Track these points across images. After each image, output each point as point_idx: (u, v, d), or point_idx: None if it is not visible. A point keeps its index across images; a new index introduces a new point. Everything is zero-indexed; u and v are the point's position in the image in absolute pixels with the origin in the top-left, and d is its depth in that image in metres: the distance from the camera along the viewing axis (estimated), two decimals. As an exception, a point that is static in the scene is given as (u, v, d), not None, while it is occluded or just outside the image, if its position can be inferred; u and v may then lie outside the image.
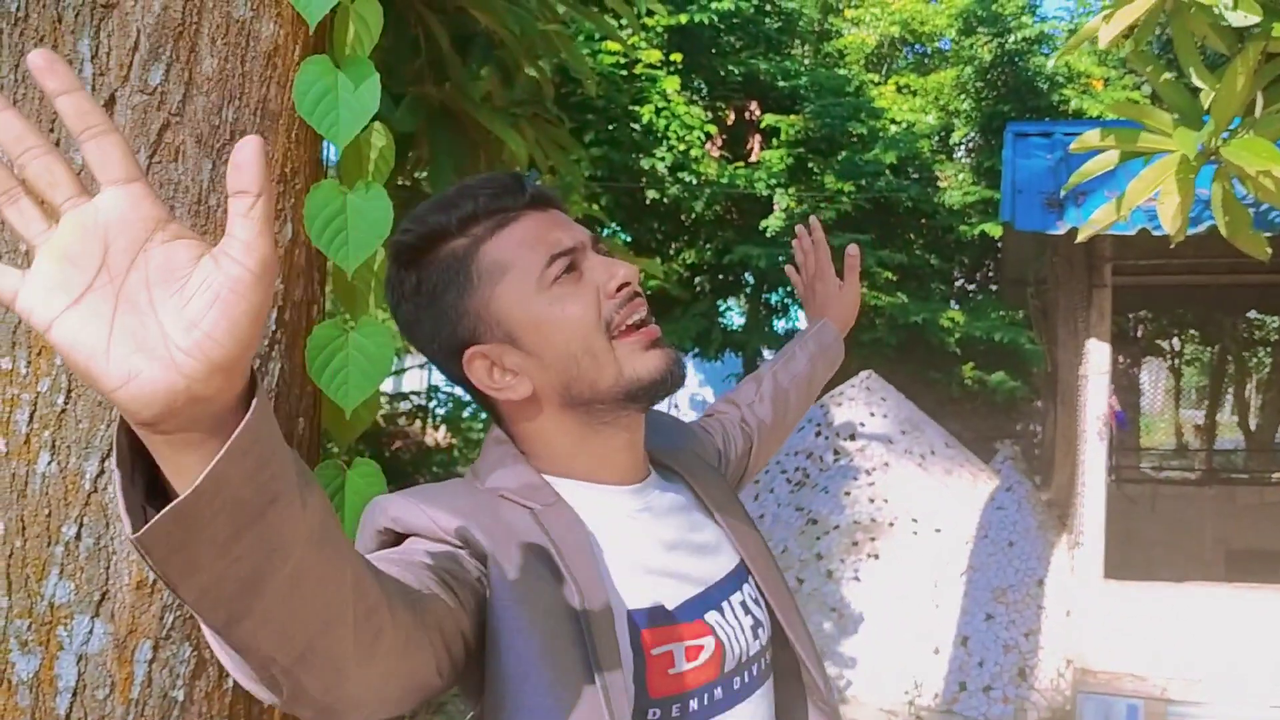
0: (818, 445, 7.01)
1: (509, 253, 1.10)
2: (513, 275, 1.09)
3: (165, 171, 1.27)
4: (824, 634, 5.81)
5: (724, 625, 1.19)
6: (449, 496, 1.09)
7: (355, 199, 1.39)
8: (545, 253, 1.10)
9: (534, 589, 1.04)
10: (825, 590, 5.93)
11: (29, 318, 0.64)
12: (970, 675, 5.50)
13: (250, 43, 1.32)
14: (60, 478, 1.28)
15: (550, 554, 1.07)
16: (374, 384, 1.41)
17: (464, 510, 1.06)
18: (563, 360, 1.11)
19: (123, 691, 1.31)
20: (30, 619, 1.29)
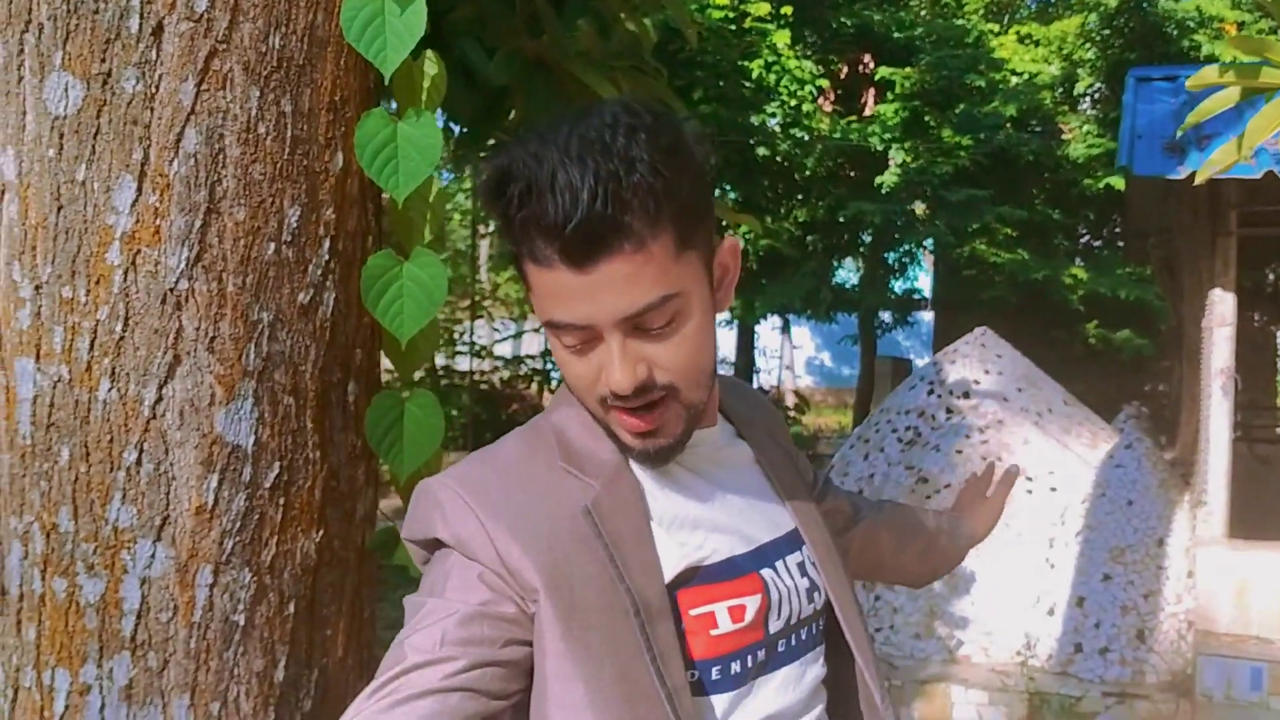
0: (930, 403, 6.87)
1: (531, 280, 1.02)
2: (532, 296, 1.04)
3: (213, 99, 1.28)
4: (935, 594, 5.71)
5: (777, 582, 1.16)
6: (505, 494, 1.06)
7: (406, 127, 1.38)
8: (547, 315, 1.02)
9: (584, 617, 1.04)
10: (936, 549, 5.82)
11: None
12: (1086, 636, 5.35)
13: (296, -31, 1.32)
14: (120, 404, 1.30)
15: (604, 558, 1.05)
16: (428, 315, 1.40)
17: (521, 520, 1.04)
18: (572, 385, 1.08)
19: (185, 615, 1.34)
20: (95, 543, 1.32)
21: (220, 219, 1.30)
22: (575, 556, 1.04)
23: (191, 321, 1.30)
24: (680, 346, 1.03)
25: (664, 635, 1.07)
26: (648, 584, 1.07)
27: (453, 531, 1.04)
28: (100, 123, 1.27)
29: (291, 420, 1.37)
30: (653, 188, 0.97)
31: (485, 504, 1.04)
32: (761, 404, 1.34)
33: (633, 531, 1.08)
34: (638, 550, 1.08)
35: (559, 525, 1.05)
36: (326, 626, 1.44)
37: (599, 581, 1.05)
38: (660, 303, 0.99)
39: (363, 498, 1.49)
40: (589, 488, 1.08)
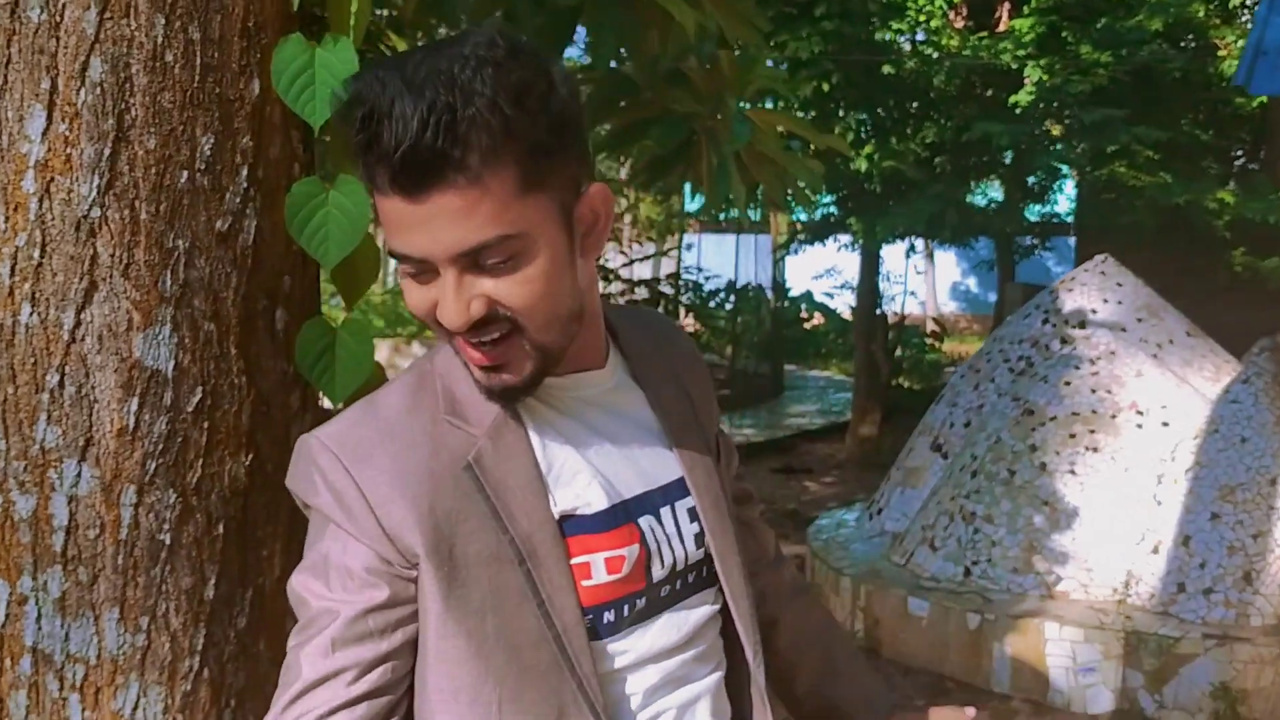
0: (1044, 333, 6.65)
1: (385, 211, 1.00)
2: (385, 230, 1.02)
3: (117, 28, 1.29)
4: (1035, 528, 5.58)
5: (656, 530, 1.15)
6: (385, 453, 1.07)
7: (323, 53, 1.38)
8: (389, 245, 1.02)
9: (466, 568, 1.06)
10: (1039, 483, 5.67)
11: None
12: (1190, 576, 5.16)
13: (201, -109, 1.32)
14: (41, 329, 1.35)
15: (486, 510, 1.07)
16: (353, 241, 1.41)
17: (401, 481, 1.05)
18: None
19: (112, 533, 1.38)
20: (25, 461, 1.38)
21: (130, 147, 1.32)
22: (457, 513, 1.06)
23: (106, 249, 1.33)
24: (523, 286, 1.01)
25: (554, 577, 1.08)
26: (535, 529, 1.08)
27: (330, 498, 1.06)
28: (10, 52, 1.30)
29: (214, 346, 1.40)
30: (489, 124, 0.95)
31: (363, 466, 1.05)
32: (674, 341, 1.31)
33: (518, 479, 1.09)
34: (523, 497, 1.08)
35: (441, 483, 1.06)
36: (261, 547, 1.48)
37: (482, 535, 1.06)
38: (497, 241, 0.98)
39: (298, 422, 1.51)
40: (472, 440, 1.08)
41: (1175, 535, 5.29)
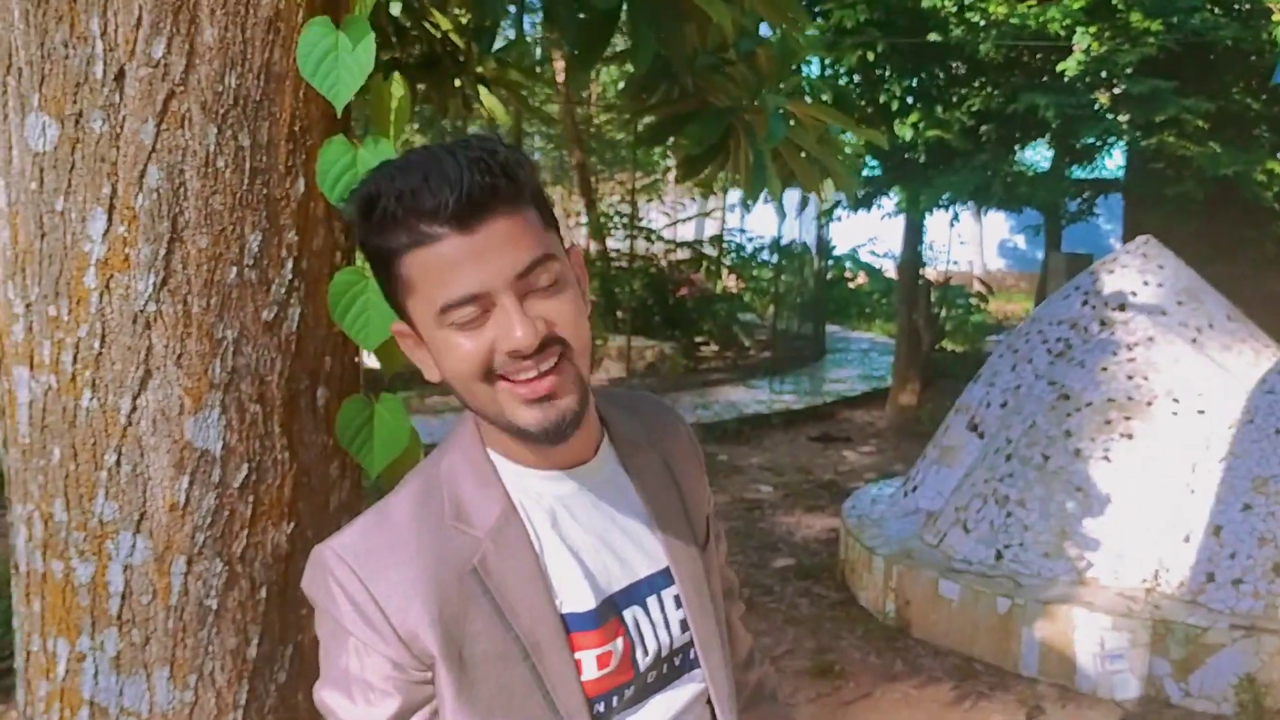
0: (1083, 315, 6.66)
1: (418, 276, 1.10)
2: (417, 298, 1.11)
3: (173, 138, 1.38)
4: (1066, 513, 5.63)
5: (642, 622, 1.23)
6: (396, 562, 1.15)
7: (365, 153, 1.46)
8: (443, 298, 1.09)
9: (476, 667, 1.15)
10: (1072, 469, 5.71)
11: None
12: (1220, 566, 5.20)
13: (250, 11, 1.39)
14: (100, 412, 1.45)
15: (490, 611, 1.16)
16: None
17: (412, 589, 1.14)
18: (454, 381, 1.15)
19: (163, 598, 1.49)
20: (85, 532, 1.48)
21: (183, 246, 1.41)
22: (464, 616, 1.15)
23: (160, 340, 1.42)
24: (569, 306, 1.12)
25: (557, 668, 1.17)
26: (537, 623, 1.17)
27: (349, 608, 1.14)
28: (75, 159, 1.39)
29: (259, 425, 1.49)
30: (516, 165, 1.09)
31: (377, 579, 1.14)
32: (666, 428, 1.39)
33: (519, 577, 1.18)
34: (526, 593, 1.17)
35: (448, 588, 1.15)
36: (301, 606, 1.58)
37: (488, 635, 1.16)
38: (544, 259, 1.10)
39: (337, 489, 1.61)
40: (476, 543, 1.17)
41: (1207, 525, 5.32)
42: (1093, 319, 6.57)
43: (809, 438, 10.42)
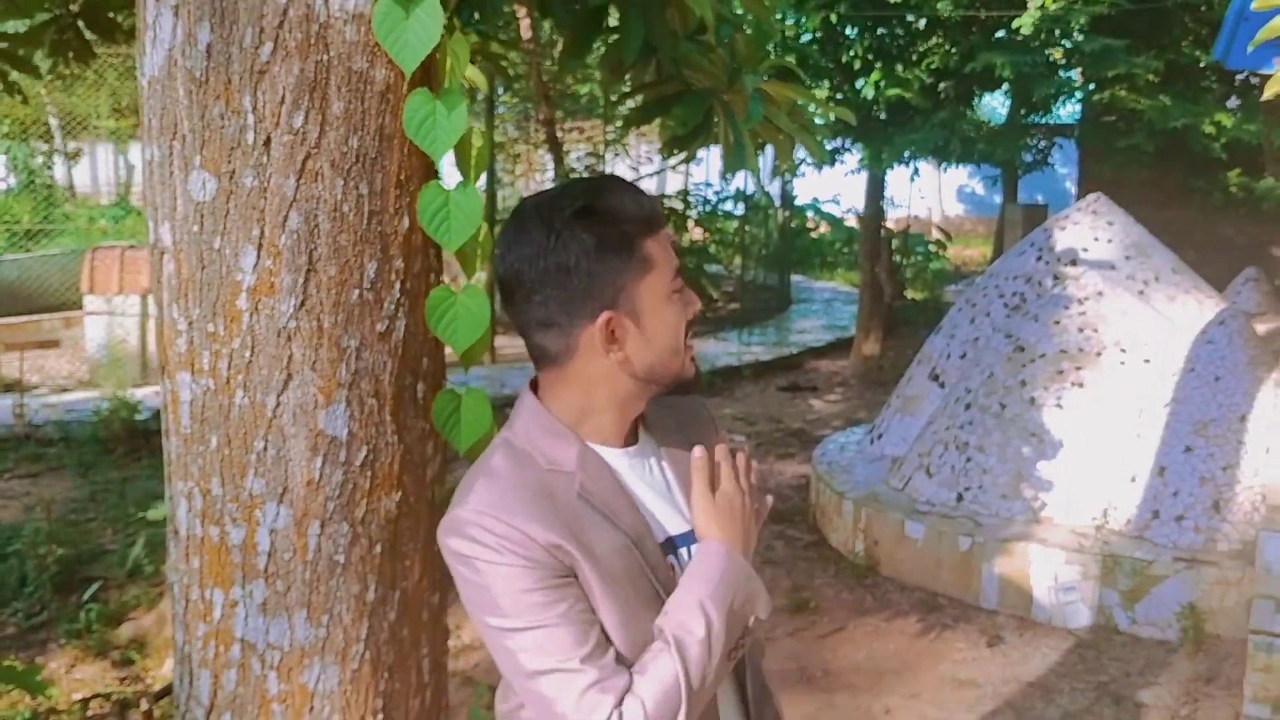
0: (1038, 270, 7.08)
1: (658, 254, 1.52)
2: (657, 273, 1.52)
3: (309, 190, 1.73)
4: (1022, 457, 6.08)
5: (681, 565, 1.61)
6: (517, 497, 1.49)
7: (455, 195, 1.81)
8: (673, 267, 1.54)
9: (605, 561, 1.51)
10: (1027, 416, 6.15)
11: None
12: (1164, 504, 5.67)
13: (367, 86, 1.74)
14: (250, 408, 1.80)
15: (603, 517, 1.53)
16: (476, 334, 1.85)
17: (543, 517, 1.48)
18: (663, 348, 1.55)
19: (301, 555, 1.86)
20: (238, 503, 1.84)
21: (317, 275, 1.76)
22: (583, 530, 1.51)
23: (299, 349, 1.78)
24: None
25: (653, 555, 1.57)
26: (634, 524, 1.56)
27: (497, 544, 1.46)
28: (229, 207, 1.73)
29: (375, 415, 1.86)
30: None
31: (513, 515, 1.48)
32: (695, 418, 1.77)
33: (611, 492, 1.56)
34: (620, 503, 1.56)
35: (566, 512, 1.51)
36: (406, 559, 1.95)
37: (604, 537, 1.52)
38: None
39: (431, 464, 1.98)
40: (572, 477, 1.54)
41: (1152, 466, 5.78)
42: (1046, 274, 6.99)
43: (778, 388, 10.84)
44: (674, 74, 4.44)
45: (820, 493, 6.95)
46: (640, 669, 1.45)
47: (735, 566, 1.52)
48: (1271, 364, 5.83)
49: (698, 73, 4.42)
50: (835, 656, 5.30)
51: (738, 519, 1.56)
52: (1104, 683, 5.02)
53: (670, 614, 1.49)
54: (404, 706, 2.00)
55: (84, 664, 4.90)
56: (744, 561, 1.53)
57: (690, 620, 1.46)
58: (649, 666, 1.45)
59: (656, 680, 1.43)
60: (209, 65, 1.71)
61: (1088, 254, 7.00)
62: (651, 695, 1.42)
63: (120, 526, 6.54)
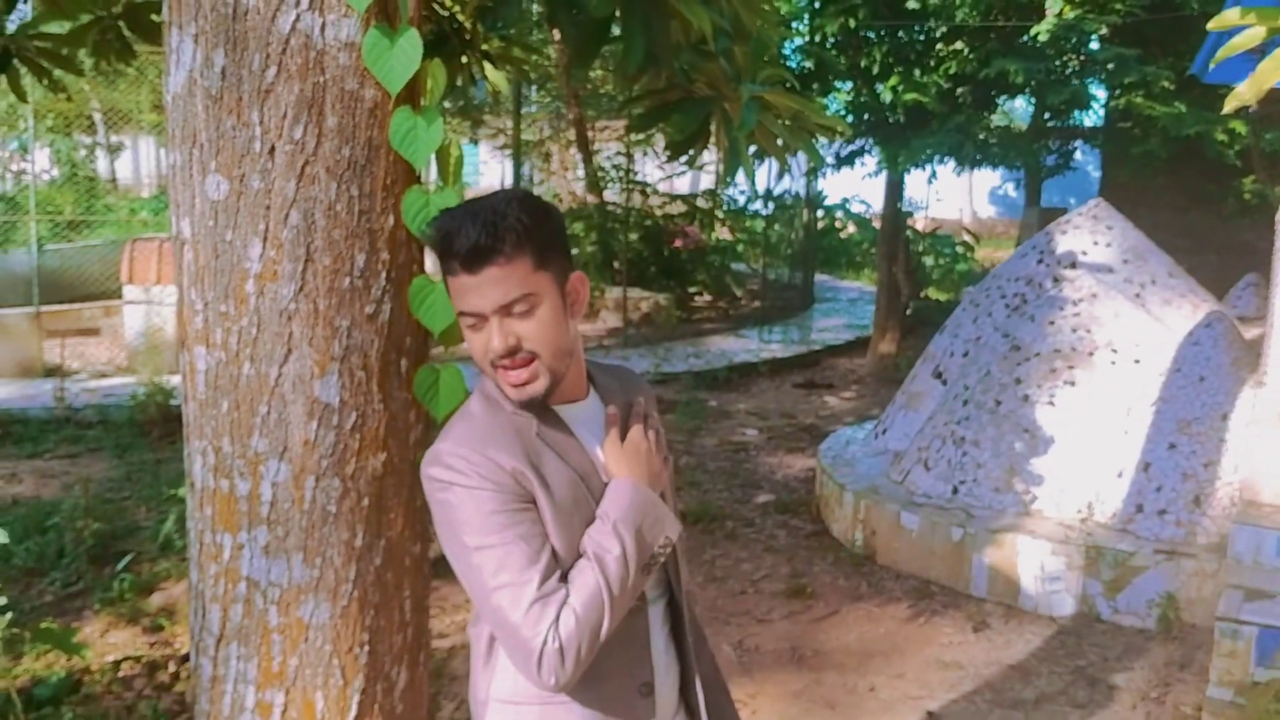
0: (1038, 272, 7.31)
1: (452, 290, 1.79)
2: (454, 303, 1.81)
3: (307, 191, 2.02)
4: (1015, 452, 6.31)
5: None
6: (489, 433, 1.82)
7: (435, 198, 2.10)
8: (459, 308, 1.79)
9: (558, 493, 1.82)
10: (1020, 412, 6.39)
11: None
12: (1148, 499, 5.89)
13: (358, 104, 2.04)
14: (256, 378, 2.10)
15: (555, 454, 1.85)
16: (451, 317, 2.14)
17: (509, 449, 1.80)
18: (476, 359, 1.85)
19: (298, 505, 2.16)
20: (244, 460, 2.15)
21: (313, 264, 2.06)
22: (541, 462, 1.83)
23: (298, 328, 2.08)
24: (537, 327, 1.80)
25: (598, 487, 1.88)
26: (580, 462, 1.88)
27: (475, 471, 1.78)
28: (239, 206, 2.04)
29: (363, 386, 2.15)
30: (516, 230, 1.74)
31: (486, 448, 1.80)
32: (637, 387, 2.09)
33: (563, 435, 1.89)
34: (569, 445, 1.89)
35: (527, 447, 1.84)
36: (390, 512, 2.25)
37: (557, 470, 1.84)
38: (521, 297, 1.77)
39: (414, 430, 2.27)
40: (532, 420, 1.86)
41: (1137, 462, 6.01)
42: (1046, 276, 7.22)
43: (794, 384, 11.09)
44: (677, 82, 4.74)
45: (824, 485, 7.21)
46: (570, 581, 1.76)
47: (641, 496, 1.84)
48: (1255, 365, 6.04)
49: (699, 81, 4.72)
50: (827, 638, 5.56)
51: (642, 460, 1.88)
52: (1081, 667, 5.26)
53: (591, 536, 1.81)
54: (388, 640, 2.30)
55: (116, 630, 5.24)
56: (649, 492, 1.85)
57: (606, 540, 1.78)
58: (575, 579, 1.76)
59: (582, 589, 1.75)
60: (223, 85, 2.01)
61: (1087, 257, 7.22)
62: (580, 602, 1.74)
63: (153, 504, 6.91)
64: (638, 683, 1.94)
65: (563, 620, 1.72)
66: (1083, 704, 4.91)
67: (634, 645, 1.94)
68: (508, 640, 1.76)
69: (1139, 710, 4.86)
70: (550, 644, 1.71)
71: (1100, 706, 4.90)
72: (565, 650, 1.72)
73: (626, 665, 1.93)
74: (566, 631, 1.72)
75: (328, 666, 2.23)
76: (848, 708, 4.87)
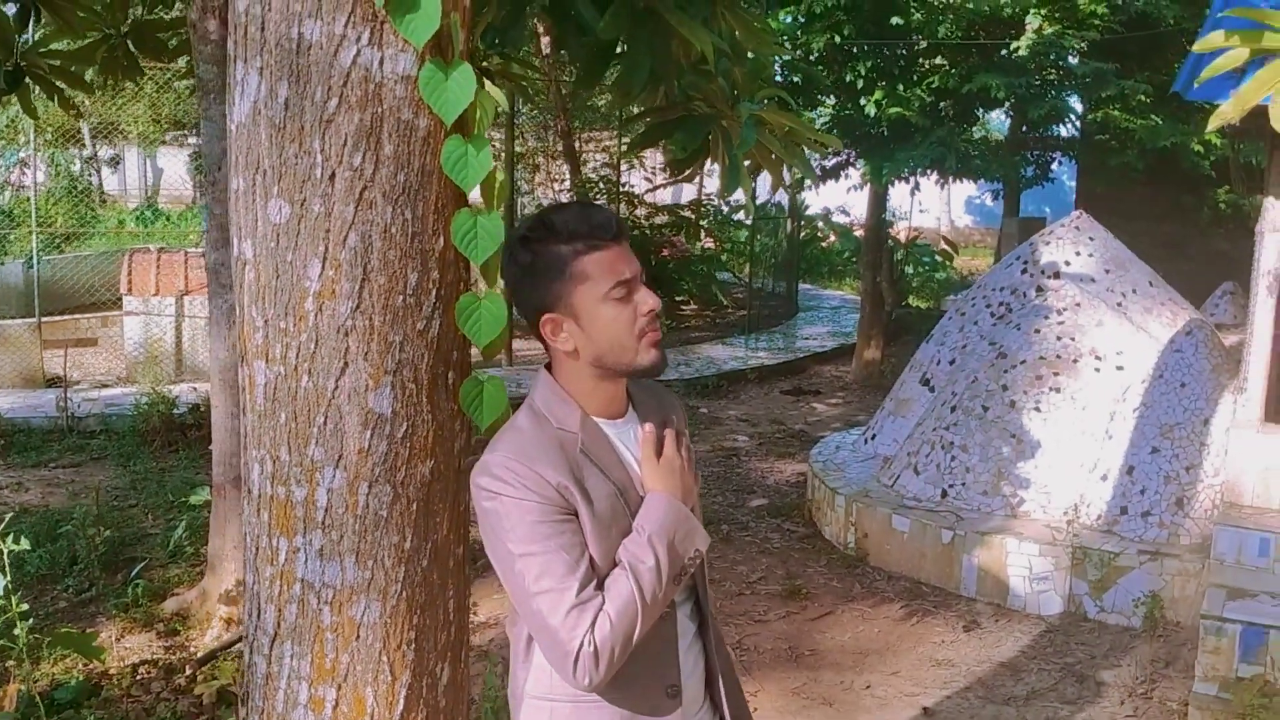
0: (1022, 282, 7.50)
1: (593, 269, 1.96)
2: (591, 284, 1.97)
3: (365, 215, 2.16)
4: (1002, 456, 6.49)
5: None
6: (536, 447, 1.97)
7: (482, 219, 2.24)
8: (613, 279, 1.97)
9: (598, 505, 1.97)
10: (1008, 418, 6.57)
11: None
12: (1132, 501, 6.08)
13: (412, 133, 2.18)
14: (314, 390, 2.24)
15: (598, 470, 2.00)
16: (495, 332, 2.29)
17: (555, 465, 1.95)
18: (606, 342, 2.00)
19: (352, 510, 2.29)
20: (301, 468, 2.28)
21: (370, 283, 2.20)
22: (584, 477, 1.99)
23: (354, 344, 2.21)
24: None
25: (635, 501, 2.03)
26: (620, 476, 2.03)
27: (519, 483, 1.93)
28: (300, 228, 2.17)
29: (414, 397, 2.29)
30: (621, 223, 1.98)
31: (534, 462, 1.96)
32: (668, 404, 2.26)
33: (604, 450, 2.04)
34: (610, 460, 2.04)
35: (572, 462, 1.99)
36: (436, 517, 2.39)
37: (598, 485, 2.00)
38: (641, 268, 2.01)
39: (459, 439, 2.41)
40: (576, 436, 2.02)
41: (1121, 465, 6.19)
42: (1030, 285, 7.41)
43: (782, 391, 11.27)
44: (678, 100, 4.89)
45: (816, 489, 7.38)
46: (605, 589, 1.91)
47: (674, 510, 1.99)
48: (1234, 371, 6.23)
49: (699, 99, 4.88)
50: (823, 638, 5.72)
51: (676, 476, 2.04)
52: (1070, 664, 5.43)
53: (627, 547, 1.96)
54: (433, 638, 2.43)
55: (131, 634, 5.36)
56: (682, 506, 2.01)
57: (641, 551, 1.93)
58: (611, 588, 1.91)
59: (617, 597, 1.90)
60: (286, 115, 2.15)
61: (1070, 267, 7.41)
62: (615, 609, 1.89)
63: (160, 512, 7.02)
64: (665, 684, 2.10)
65: (598, 626, 1.87)
66: (1072, 700, 5.09)
67: (662, 649, 2.09)
68: (546, 642, 1.92)
69: (1127, 706, 5.03)
70: (586, 647, 1.86)
71: (1089, 702, 5.07)
72: (600, 653, 1.86)
73: (655, 668, 2.08)
74: (601, 636, 1.87)
75: (377, 663, 2.36)
76: (845, 705, 5.02)
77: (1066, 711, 4.98)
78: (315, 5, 2.11)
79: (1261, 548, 5.28)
